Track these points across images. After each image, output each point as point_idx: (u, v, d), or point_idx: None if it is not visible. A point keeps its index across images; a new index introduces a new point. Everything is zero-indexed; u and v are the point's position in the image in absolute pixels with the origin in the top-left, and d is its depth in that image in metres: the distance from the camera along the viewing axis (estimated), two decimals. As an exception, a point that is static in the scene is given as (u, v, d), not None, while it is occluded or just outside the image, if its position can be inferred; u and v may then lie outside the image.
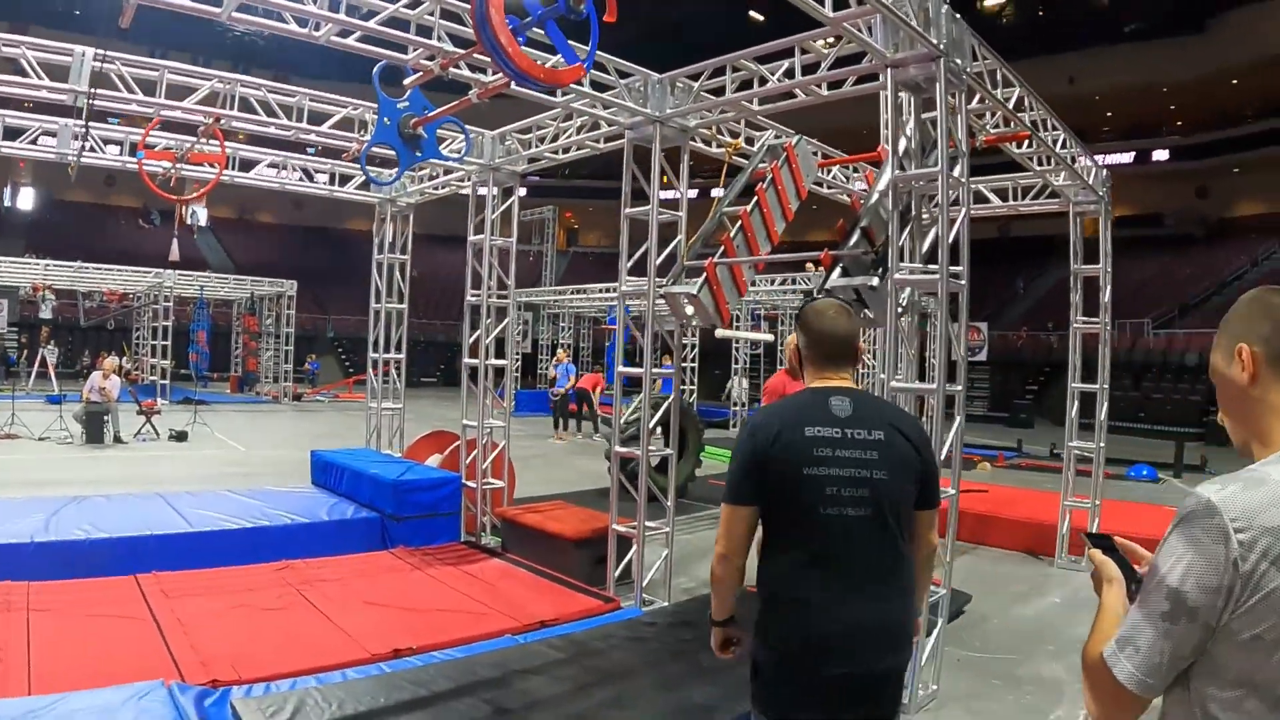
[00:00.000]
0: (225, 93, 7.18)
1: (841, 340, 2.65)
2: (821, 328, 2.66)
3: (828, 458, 2.42)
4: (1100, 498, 8.69)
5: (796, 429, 2.46)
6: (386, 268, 10.11)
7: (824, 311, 2.69)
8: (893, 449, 2.46)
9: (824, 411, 2.50)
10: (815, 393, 2.59)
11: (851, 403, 2.51)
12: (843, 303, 2.78)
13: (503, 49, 4.00)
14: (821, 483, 2.41)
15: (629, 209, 6.53)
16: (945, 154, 4.71)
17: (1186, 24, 35.30)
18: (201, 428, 17.43)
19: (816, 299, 2.82)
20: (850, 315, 2.73)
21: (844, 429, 2.46)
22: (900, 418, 2.62)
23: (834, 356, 2.65)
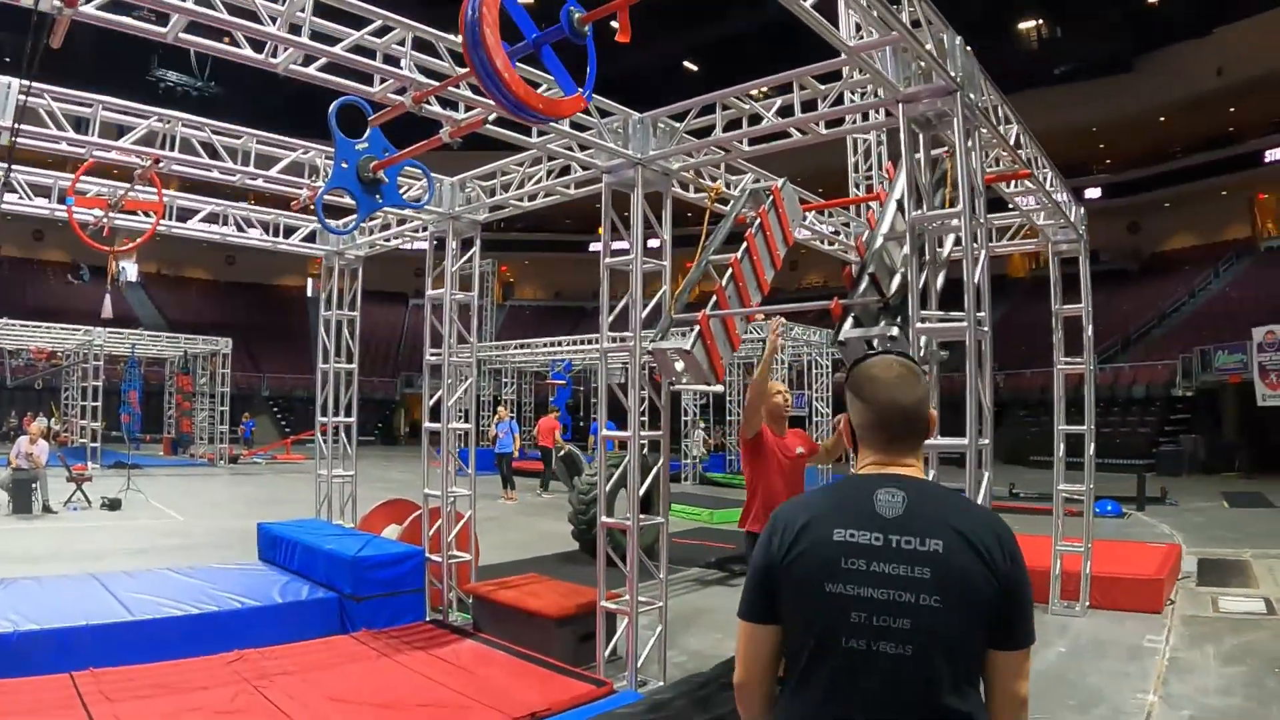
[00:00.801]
0: (165, 133, 6.61)
1: (908, 413, 2.01)
2: (880, 397, 2.01)
3: (859, 572, 1.84)
4: (1090, 541, 8.43)
5: (824, 529, 1.89)
6: (335, 325, 9.50)
7: (882, 376, 2.03)
8: (954, 567, 1.81)
9: (864, 509, 1.90)
10: (860, 481, 1.99)
11: (906, 499, 1.89)
12: (907, 359, 2.08)
13: (498, 75, 3.56)
14: (846, 605, 1.83)
15: (609, 259, 6.09)
16: (967, 193, 4.37)
17: (1116, 64, 36.32)
18: (135, 494, 16.58)
19: (870, 355, 2.16)
20: (919, 377, 2.05)
21: (888, 535, 1.85)
22: (973, 521, 1.89)
23: (899, 436, 2.02)
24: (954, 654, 1.81)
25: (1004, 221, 8.82)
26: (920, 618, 1.79)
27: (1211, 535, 13.40)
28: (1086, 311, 8.47)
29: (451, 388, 7.85)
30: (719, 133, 5.66)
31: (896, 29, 3.95)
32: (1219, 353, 25.72)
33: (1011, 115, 5.96)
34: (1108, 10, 34.92)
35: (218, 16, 4.43)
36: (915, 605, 1.80)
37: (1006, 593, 1.81)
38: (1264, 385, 22.59)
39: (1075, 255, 8.61)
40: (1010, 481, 19.46)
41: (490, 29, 3.52)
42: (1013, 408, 30.85)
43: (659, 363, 5.66)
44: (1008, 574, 1.82)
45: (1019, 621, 1.87)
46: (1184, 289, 34.90)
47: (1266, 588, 9.47)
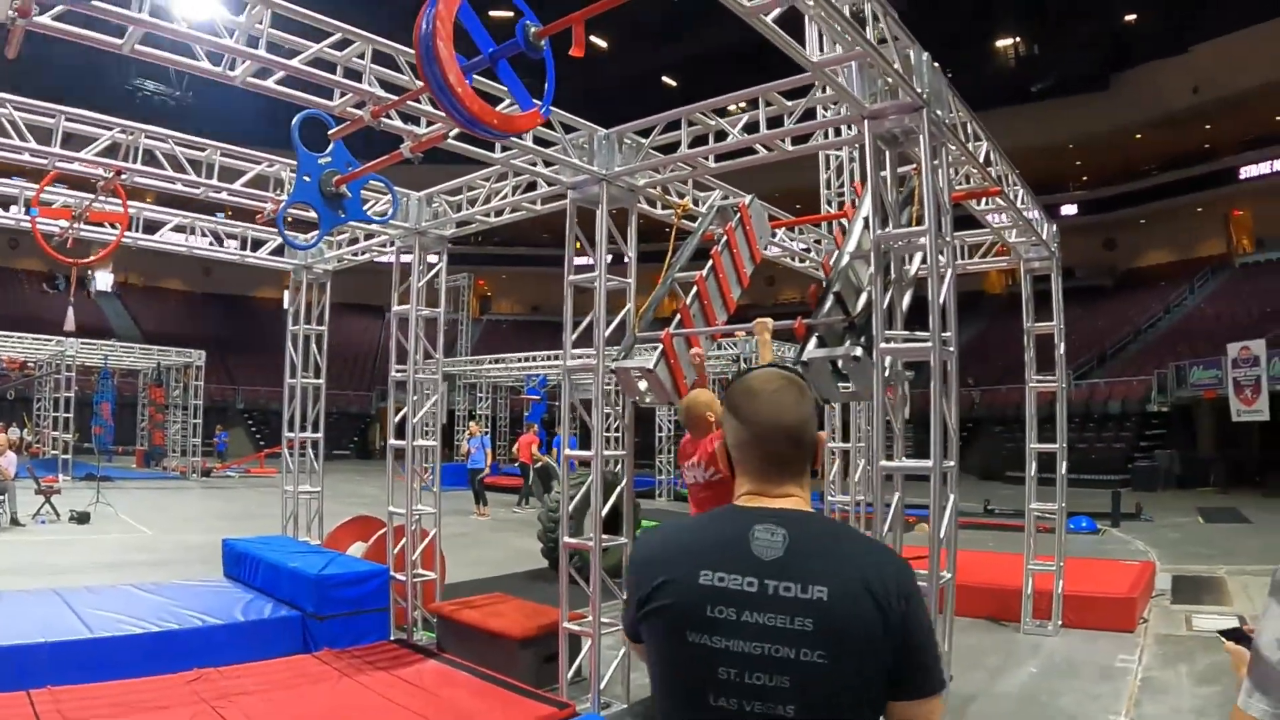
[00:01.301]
0: (128, 144, 6.50)
1: (791, 433, 1.73)
2: (756, 414, 1.74)
3: (728, 623, 1.59)
4: (1063, 559, 8.39)
5: (688, 570, 1.64)
6: (302, 339, 9.37)
7: (761, 390, 1.75)
8: (841, 616, 1.56)
9: (738, 548, 1.63)
10: (736, 515, 1.71)
11: (787, 538, 1.62)
12: (791, 372, 1.82)
13: (451, 89, 3.49)
14: (713, 659, 1.59)
15: (573, 276, 6.01)
16: (934, 210, 4.31)
17: (1091, 82, 36.64)
18: (105, 508, 16.32)
19: (752, 369, 1.89)
20: (803, 392, 1.77)
21: (764, 580, 1.59)
22: (863, 561, 1.62)
23: (780, 460, 1.73)
24: (845, 714, 1.58)
25: (976, 239, 8.80)
26: (803, 674, 1.55)
27: (1186, 551, 13.41)
28: (1059, 328, 8.45)
29: (418, 404, 7.73)
30: (685, 148, 5.59)
31: (860, 44, 3.90)
32: (1194, 368, 25.85)
33: (981, 132, 5.91)
34: (1084, 28, 35.29)
35: (174, 29, 4.35)
36: (796, 661, 1.55)
37: (904, 638, 1.59)
38: (1238, 400, 22.69)
39: (1048, 272, 8.58)
40: (985, 498, 19.51)
41: (444, 43, 3.45)
42: (988, 424, 30.93)
43: (622, 381, 5.57)
44: (903, 617, 1.58)
45: (920, 668, 1.63)
46: (1159, 305, 35.16)
47: (1240, 605, 9.46)
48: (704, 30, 33.97)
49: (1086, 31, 35.51)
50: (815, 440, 1.79)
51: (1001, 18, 37.29)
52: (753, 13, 3.57)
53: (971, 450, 31.21)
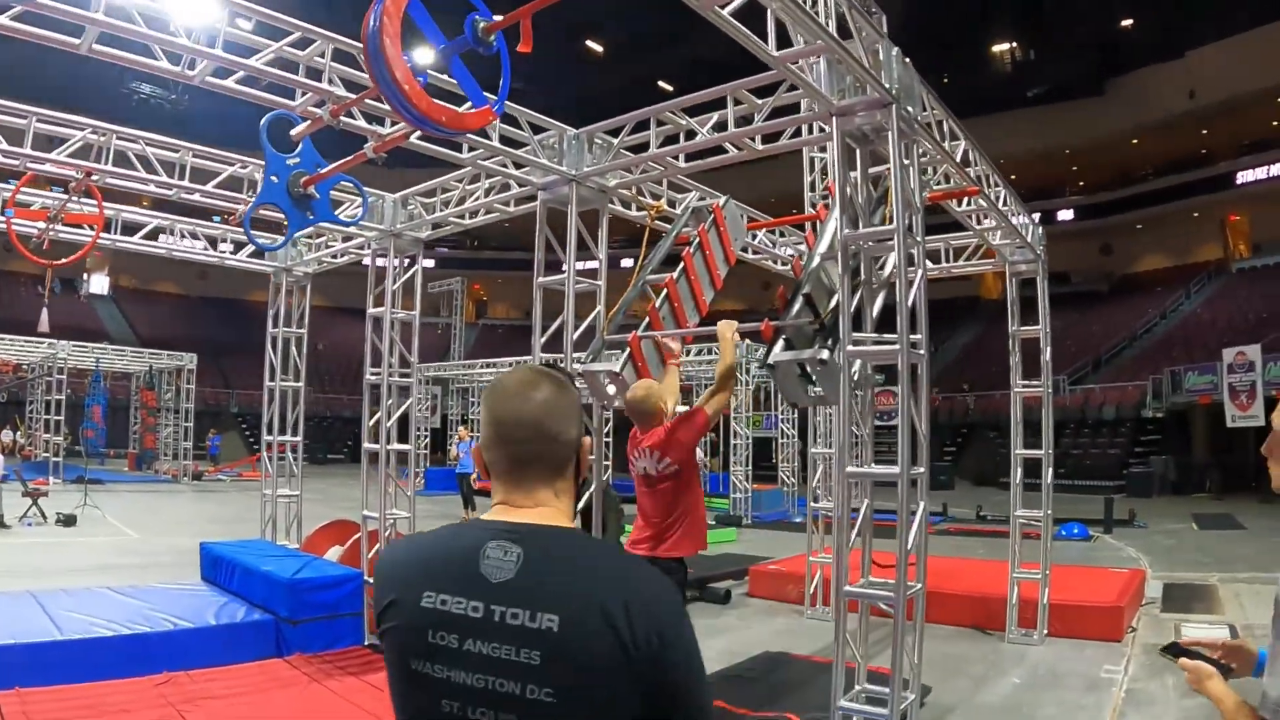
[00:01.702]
0: (99, 145, 6.42)
1: (531, 428, 1.54)
2: (499, 409, 1.56)
3: (450, 651, 1.42)
4: (1049, 568, 8.27)
5: (414, 592, 1.47)
6: (282, 342, 9.29)
7: (508, 385, 1.59)
8: (572, 649, 1.36)
9: (467, 568, 1.45)
10: (472, 529, 1.52)
11: (522, 557, 1.43)
12: (550, 370, 1.64)
13: (398, 86, 3.40)
14: (435, 691, 1.43)
15: (542, 278, 5.91)
16: (902, 209, 4.21)
17: (1087, 87, 36.62)
18: (92, 511, 16.29)
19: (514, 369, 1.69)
20: (559, 388, 1.59)
21: (490, 605, 1.41)
22: (607, 586, 1.42)
23: (520, 460, 1.55)
24: None
25: (961, 241, 8.69)
26: (529, 713, 1.37)
27: (1179, 559, 13.31)
28: (1045, 333, 8.31)
29: (392, 409, 7.64)
30: (655, 148, 5.49)
31: (822, 38, 3.79)
32: (1189, 374, 25.79)
33: (959, 131, 5.79)
34: (1080, 33, 35.24)
35: (131, 28, 4.27)
36: (521, 698, 1.37)
37: (656, 681, 1.39)
38: (1234, 406, 22.62)
39: (1034, 276, 8.47)
40: (978, 504, 19.41)
41: (391, 39, 3.36)
42: (982, 429, 30.91)
43: (589, 385, 5.47)
44: (655, 657, 1.37)
45: (677, 713, 1.43)
46: (1155, 310, 35.08)
47: (1231, 613, 9.35)
48: (701, 36, 33.92)
49: (1082, 37, 35.46)
50: (572, 441, 1.59)
51: (997, 23, 37.26)
52: (706, 5, 3.47)
53: (966, 455, 31.23)
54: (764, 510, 19.72)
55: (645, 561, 1.56)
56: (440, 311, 39.59)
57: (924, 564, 4.52)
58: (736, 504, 19.52)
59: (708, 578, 10.29)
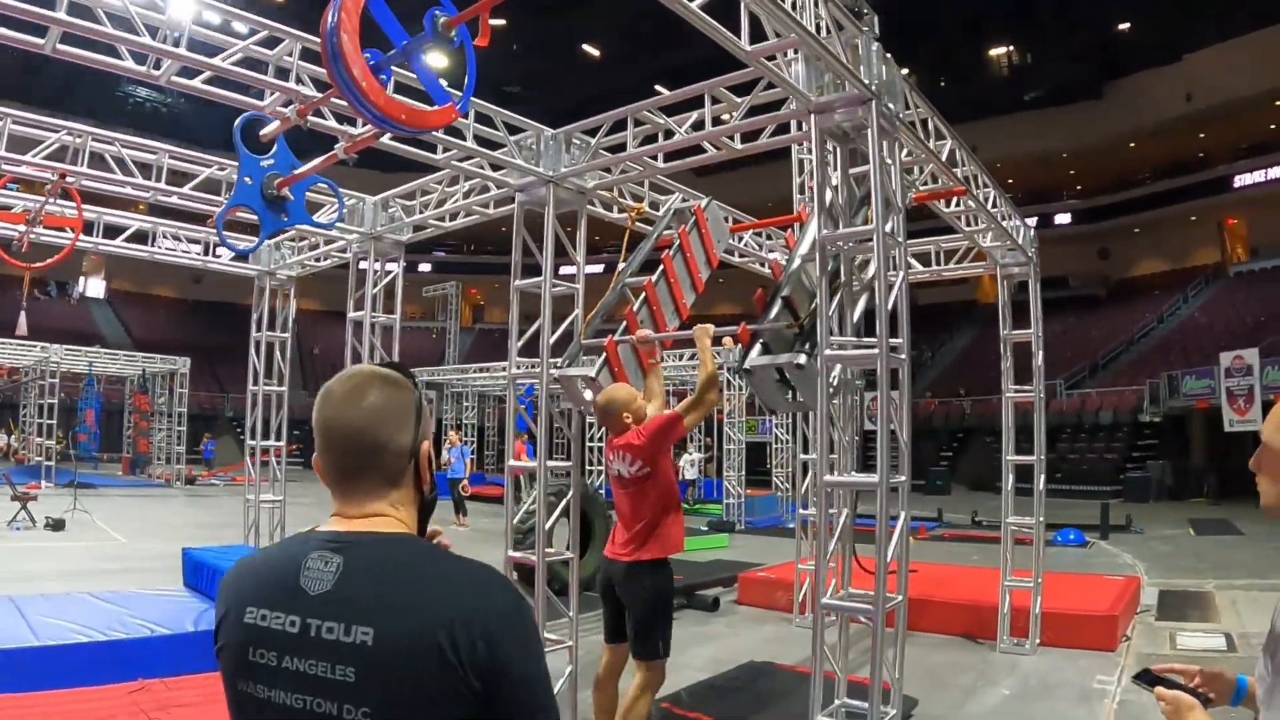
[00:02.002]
0: (75, 147, 6.32)
1: (353, 437, 1.44)
2: (323, 415, 1.46)
3: (269, 670, 1.33)
4: (1042, 575, 8.14)
5: (239, 607, 1.40)
6: (266, 346, 9.18)
7: (334, 388, 1.48)
8: (388, 665, 1.27)
9: (288, 580, 1.37)
10: (299, 541, 1.45)
11: (341, 567, 1.35)
12: (385, 371, 1.52)
13: (355, 84, 3.28)
14: (258, 713, 1.36)
15: (519, 281, 5.79)
16: (882, 208, 4.08)
17: (1084, 91, 36.53)
18: (82, 515, 16.10)
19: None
20: (391, 389, 1.48)
21: (307, 619, 1.32)
22: (430, 597, 1.31)
23: (346, 471, 1.46)
24: None
25: (952, 244, 8.57)
26: None
27: (1175, 565, 13.14)
28: (1036, 336, 8.19)
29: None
30: (632, 148, 5.36)
31: (796, 31, 3.67)
32: (1187, 378, 25.66)
33: (945, 130, 5.67)
34: (1077, 37, 35.15)
35: (95, 28, 4.16)
36: (338, 718, 1.28)
37: (487, 699, 1.28)
38: (1231, 410, 22.46)
39: (1027, 279, 8.35)
40: (974, 509, 19.27)
41: (348, 35, 3.25)
42: (979, 434, 30.76)
43: (566, 390, 5.36)
44: (482, 668, 1.27)
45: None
46: (1152, 314, 34.95)
47: (1228, 621, 9.20)
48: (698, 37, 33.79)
49: (1079, 40, 35.37)
50: (405, 449, 1.47)
51: (994, 27, 37.15)
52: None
53: (963, 460, 31.09)
54: (758, 516, 19.54)
55: (481, 567, 1.41)
56: (436, 316, 39.51)
57: (905, 574, 4.39)
58: (730, 510, 19.38)
59: (696, 585, 10.16)
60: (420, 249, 49.21)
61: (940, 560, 12.06)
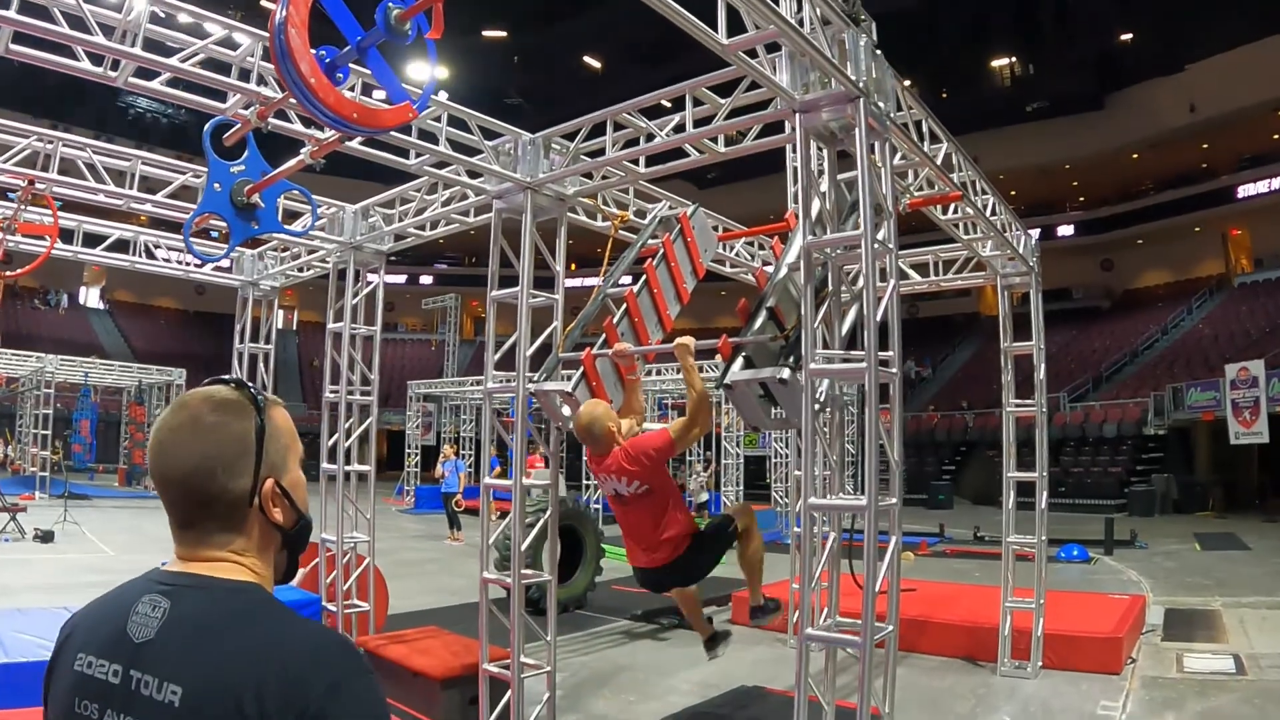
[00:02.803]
0: (45, 152, 6.12)
1: (177, 490, 1.28)
2: (149, 453, 1.31)
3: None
4: (1044, 595, 7.90)
5: (71, 651, 1.29)
6: (248, 358, 8.96)
7: (162, 423, 1.31)
8: None
9: (116, 624, 1.24)
10: (139, 581, 1.30)
11: (168, 612, 1.21)
12: (217, 397, 1.32)
13: (304, 81, 3.07)
14: None
15: (496, 291, 5.58)
16: (871, 213, 3.85)
17: (1086, 102, 36.32)
18: (72, 527, 16.09)
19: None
20: (222, 426, 1.28)
21: (129, 670, 1.19)
22: (246, 657, 1.15)
23: (177, 517, 1.29)
24: None
25: (951, 254, 8.34)
26: None
27: (1181, 582, 12.86)
28: (1038, 349, 7.95)
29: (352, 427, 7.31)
30: (611, 152, 5.12)
31: (775, 22, 3.45)
32: (1191, 390, 25.36)
33: (941, 133, 5.43)
34: (1079, 47, 34.98)
35: (47, 28, 3.96)
36: None
37: None
38: (1237, 423, 22.22)
39: (1028, 289, 8.11)
40: (975, 525, 19.04)
41: (297, 30, 3.04)
42: (981, 448, 30.50)
43: (544, 405, 5.14)
44: None
45: None
46: (1156, 326, 34.66)
47: (1236, 641, 8.92)
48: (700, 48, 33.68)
49: (1081, 51, 35.19)
50: (242, 492, 1.28)
51: (996, 38, 36.98)
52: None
53: (965, 474, 30.81)
54: (758, 531, 19.19)
55: (322, 630, 1.27)
56: (437, 328, 39.39)
57: (895, 601, 4.15)
58: (728, 525, 19.02)
59: (660, 609, 9.91)
60: (422, 261, 49.31)
61: (942, 577, 11.83)
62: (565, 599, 9.32)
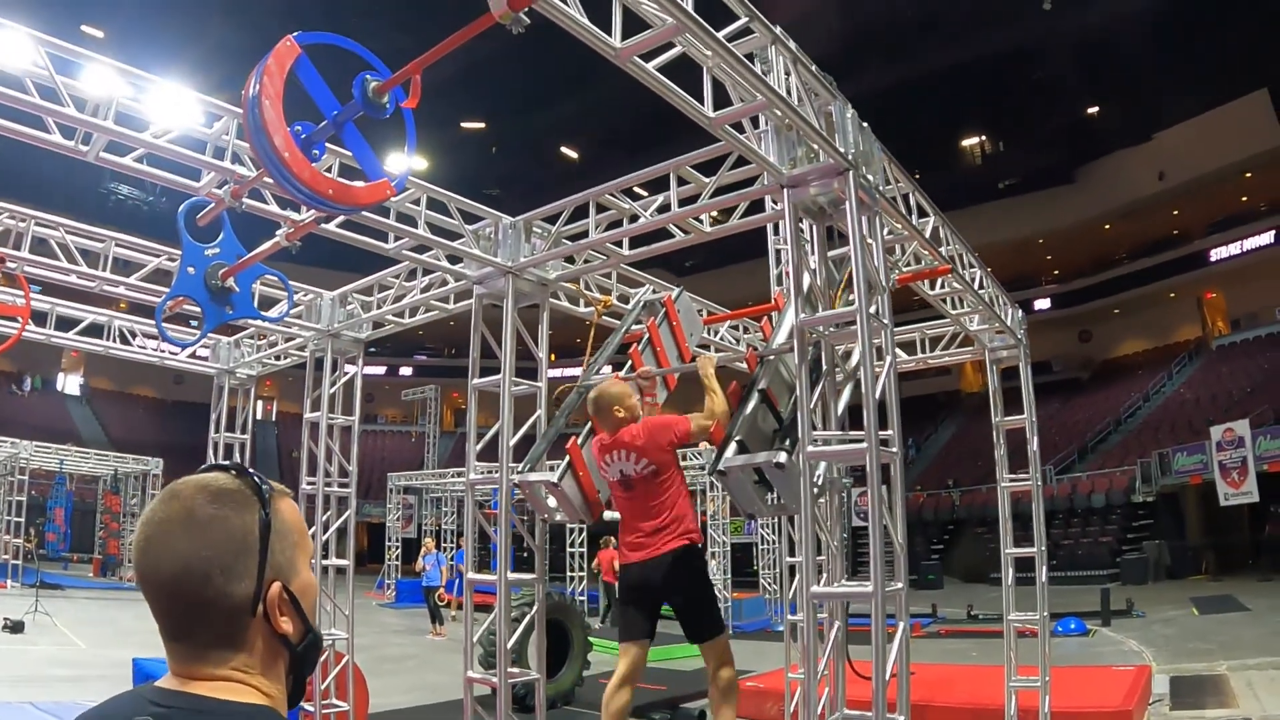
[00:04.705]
0: (16, 230, 5.98)
1: (164, 599, 1.11)
2: (135, 554, 1.14)
3: None
4: (1049, 673, 7.63)
5: None
6: (224, 447, 8.72)
7: (142, 523, 1.15)
8: None
9: None
10: (125, 701, 1.14)
11: None
12: (211, 488, 1.15)
13: (277, 155, 2.96)
14: None
15: (477, 380, 5.43)
16: (865, 290, 3.74)
17: (1057, 176, 37.08)
18: (43, 618, 15.60)
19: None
20: (214, 522, 1.11)
21: None
22: None
23: (168, 636, 1.13)
24: None
25: (937, 330, 8.25)
26: None
27: (1183, 648, 12.60)
28: (1030, 422, 7.80)
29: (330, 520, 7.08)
30: (594, 234, 5.02)
31: (762, 93, 3.38)
32: (1178, 455, 25.35)
33: (928, 207, 5.37)
34: (1048, 123, 35.76)
35: (23, 98, 3.85)
36: None
37: None
38: (1225, 484, 22.15)
39: (1016, 363, 8.01)
40: (968, 603, 18.73)
41: (270, 102, 2.93)
42: (969, 525, 30.36)
43: (528, 497, 4.95)
44: None
45: None
46: (1138, 393, 34.82)
47: (1247, 705, 8.68)
48: (676, 138, 34.12)
49: (1050, 126, 35.98)
50: (242, 598, 1.11)
51: (966, 118, 37.77)
52: (623, 55, 3.07)
53: (954, 552, 30.60)
54: (745, 620, 18.82)
55: None
56: (417, 420, 39.13)
57: (906, 690, 3.91)
58: (716, 614, 18.69)
59: (680, 697, 9.61)
60: (401, 352, 49.29)
61: (937, 659, 11.52)
62: (552, 695, 9.00)
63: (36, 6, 22.95)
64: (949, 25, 30.58)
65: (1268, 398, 26.18)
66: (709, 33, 3.12)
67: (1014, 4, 29.51)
